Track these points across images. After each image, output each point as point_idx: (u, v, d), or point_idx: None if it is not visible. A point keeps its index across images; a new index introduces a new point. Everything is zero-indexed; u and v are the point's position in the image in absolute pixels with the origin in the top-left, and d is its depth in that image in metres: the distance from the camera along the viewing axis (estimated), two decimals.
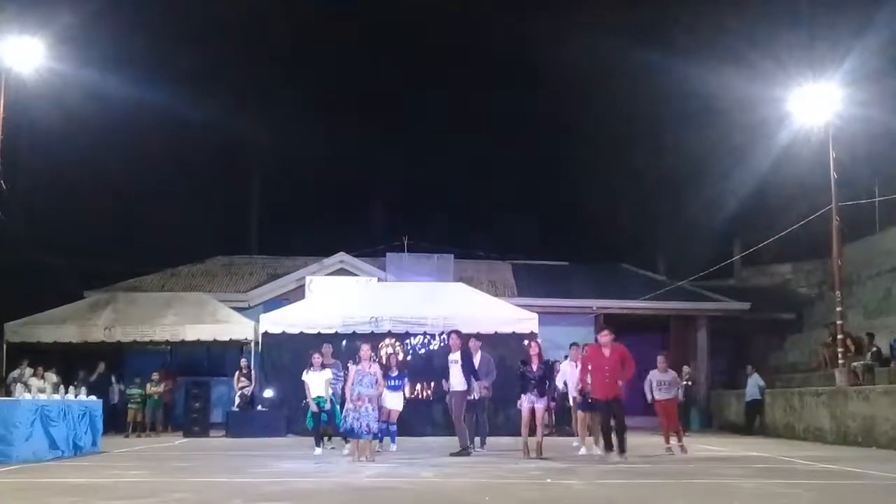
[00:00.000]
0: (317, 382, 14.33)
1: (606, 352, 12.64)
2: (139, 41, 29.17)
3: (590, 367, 12.94)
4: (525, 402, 13.40)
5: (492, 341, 16.47)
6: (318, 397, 14.26)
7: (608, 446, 12.68)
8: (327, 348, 15.72)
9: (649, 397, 14.69)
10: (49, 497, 8.50)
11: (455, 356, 14.28)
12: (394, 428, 14.89)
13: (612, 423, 12.59)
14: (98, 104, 24.39)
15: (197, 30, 32.62)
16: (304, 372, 14.52)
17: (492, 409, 16.39)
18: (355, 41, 40.35)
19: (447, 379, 14.30)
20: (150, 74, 28.64)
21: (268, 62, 38.27)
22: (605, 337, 12.75)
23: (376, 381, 12.72)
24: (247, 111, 34.21)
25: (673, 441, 14.51)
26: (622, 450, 12.45)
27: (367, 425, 12.43)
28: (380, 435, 13.94)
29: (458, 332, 14.67)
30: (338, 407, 14.36)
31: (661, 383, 14.72)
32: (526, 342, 14.92)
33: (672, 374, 15.10)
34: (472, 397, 14.32)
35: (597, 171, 34.09)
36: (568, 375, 14.92)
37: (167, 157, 32.11)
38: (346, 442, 14.02)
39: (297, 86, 38.25)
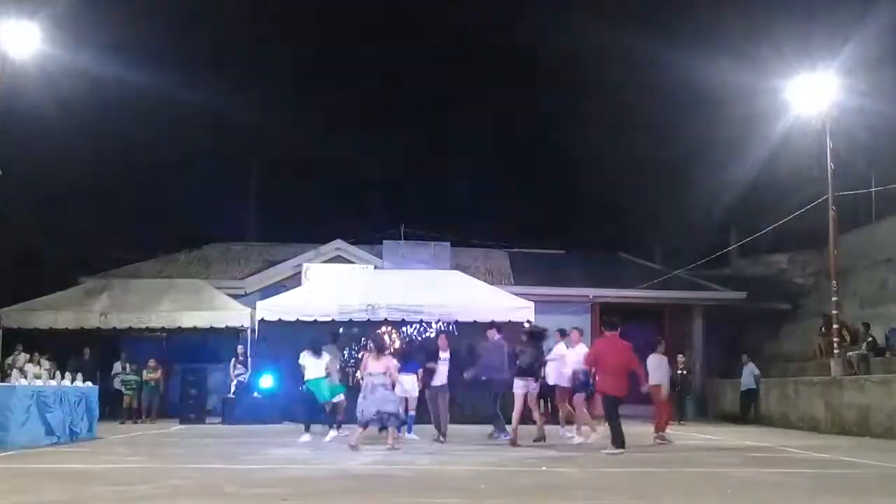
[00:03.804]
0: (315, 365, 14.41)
1: (613, 347, 12.46)
2: (136, 25, 29.02)
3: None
4: (518, 387, 13.44)
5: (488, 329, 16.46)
6: (315, 380, 14.33)
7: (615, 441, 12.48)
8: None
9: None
10: (45, 483, 8.51)
11: (445, 354, 14.68)
12: (412, 415, 15.05)
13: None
14: (95, 89, 24.26)
15: (195, 14, 32.49)
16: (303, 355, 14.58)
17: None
18: (355, 28, 40.29)
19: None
20: (147, 59, 28.48)
21: (267, 48, 38.18)
22: (607, 333, 12.64)
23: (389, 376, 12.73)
24: (245, 97, 34.13)
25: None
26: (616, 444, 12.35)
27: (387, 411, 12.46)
28: (402, 424, 14.38)
29: (447, 334, 15.49)
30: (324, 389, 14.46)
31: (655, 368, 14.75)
32: (526, 323, 15.06)
33: (664, 359, 15.16)
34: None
35: (594, 161, 34.07)
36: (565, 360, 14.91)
37: (164, 142, 32.03)
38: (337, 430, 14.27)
39: (296, 72, 38.21)
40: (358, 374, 13.21)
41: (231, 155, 36.07)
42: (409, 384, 14.88)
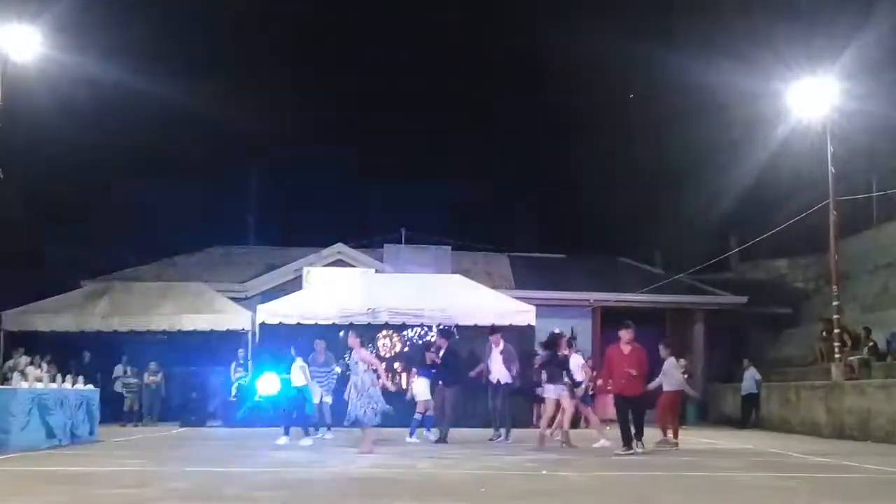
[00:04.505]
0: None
1: (626, 349, 12.56)
2: (137, 29, 29.08)
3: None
4: (551, 392, 13.47)
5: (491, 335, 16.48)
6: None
7: (627, 442, 12.46)
8: (320, 344, 15.80)
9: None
10: (45, 485, 8.52)
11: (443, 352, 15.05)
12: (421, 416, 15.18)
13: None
14: (96, 93, 24.30)
15: (194, 18, 32.56)
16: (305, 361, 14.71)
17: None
18: (355, 32, 40.36)
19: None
20: (147, 63, 28.51)
21: (267, 52, 38.27)
22: (626, 335, 12.69)
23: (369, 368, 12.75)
24: (246, 101, 34.16)
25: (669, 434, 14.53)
26: (639, 438, 12.46)
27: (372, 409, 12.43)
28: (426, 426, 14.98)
29: (442, 333, 16.03)
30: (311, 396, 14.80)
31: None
32: (557, 330, 15.17)
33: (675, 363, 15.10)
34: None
35: (595, 165, 34.07)
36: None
37: (165, 146, 32.05)
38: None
39: (297, 75, 38.26)
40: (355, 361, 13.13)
41: (233, 157, 36.13)
42: (423, 387, 15.01)
